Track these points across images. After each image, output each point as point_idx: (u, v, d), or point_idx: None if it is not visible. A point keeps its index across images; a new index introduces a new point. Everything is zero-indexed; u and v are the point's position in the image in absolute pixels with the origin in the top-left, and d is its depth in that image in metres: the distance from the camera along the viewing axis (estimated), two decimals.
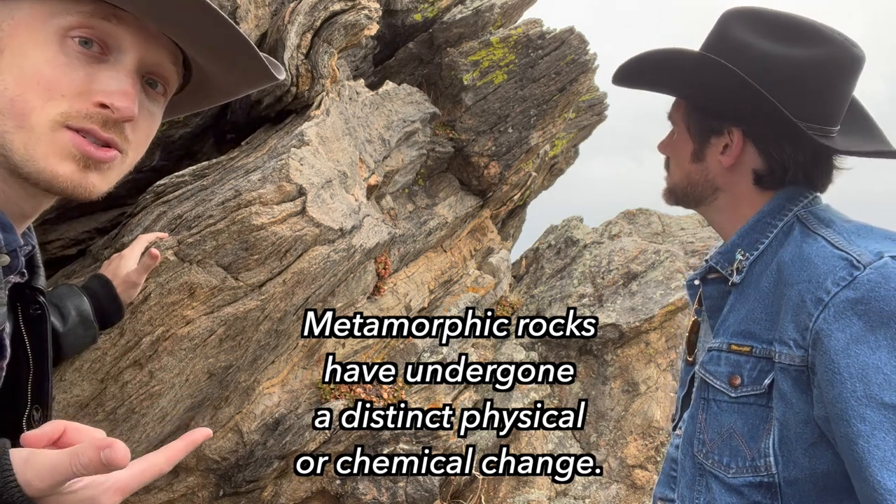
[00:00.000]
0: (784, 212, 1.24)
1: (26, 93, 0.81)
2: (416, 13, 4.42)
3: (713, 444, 1.22)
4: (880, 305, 1.02)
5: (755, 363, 1.16)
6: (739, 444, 1.17)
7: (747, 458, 1.16)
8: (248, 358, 2.64)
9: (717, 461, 1.20)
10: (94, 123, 0.84)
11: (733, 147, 1.26)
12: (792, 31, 1.21)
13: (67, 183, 0.84)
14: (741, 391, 1.17)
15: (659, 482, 1.37)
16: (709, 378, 1.24)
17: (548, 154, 5.60)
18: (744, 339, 1.19)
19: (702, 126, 1.30)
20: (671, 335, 4.35)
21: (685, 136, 1.34)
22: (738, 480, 1.16)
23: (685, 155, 1.34)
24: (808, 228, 1.19)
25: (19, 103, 0.81)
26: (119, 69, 0.86)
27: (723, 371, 1.21)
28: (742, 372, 1.18)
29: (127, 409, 2.23)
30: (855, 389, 1.01)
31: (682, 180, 1.36)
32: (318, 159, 2.54)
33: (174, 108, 1.07)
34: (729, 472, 1.18)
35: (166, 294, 2.17)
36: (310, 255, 2.49)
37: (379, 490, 3.35)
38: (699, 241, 5.10)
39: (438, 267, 4.45)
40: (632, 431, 4.13)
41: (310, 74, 2.65)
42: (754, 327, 1.18)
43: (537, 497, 3.82)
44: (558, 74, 4.48)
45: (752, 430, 1.16)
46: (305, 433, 3.11)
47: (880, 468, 0.98)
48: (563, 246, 5.41)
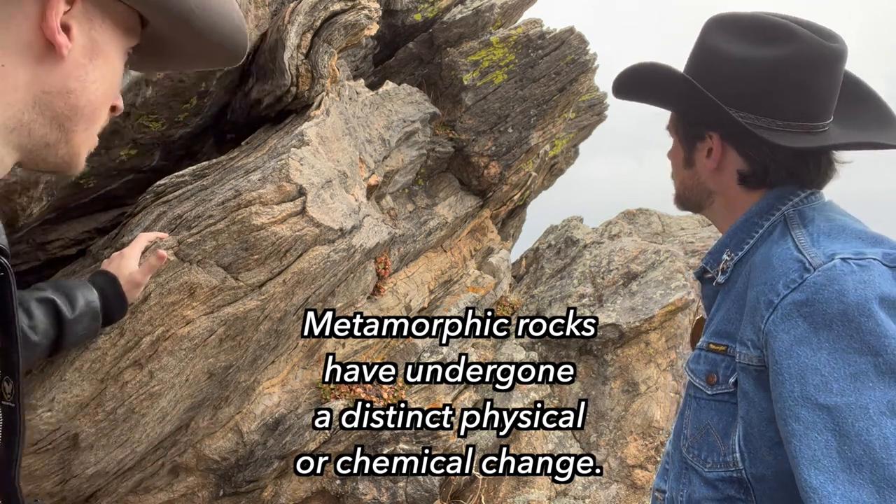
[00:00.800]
0: (772, 211, 1.26)
1: (105, 105, 0.90)
2: (416, 13, 4.43)
3: (694, 439, 1.26)
4: (823, 307, 1.03)
5: (729, 362, 1.20)
6: (715, 439, 1.21)
7: (720, 454, 1.20)
8: (248, 358, 2.64)
9: (697, 456, 1.25)
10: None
11: (714, 151, 1.30)
12: (763, 33, 1.23)
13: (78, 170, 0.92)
14: (716, 389, 1.22)
15: (657, 474, 1.43)
16: (690, 376, 1.29)
17: (548, 154, 5.60)
18: (720, 339, 1.23)
19: (687, 133, 1.36)
20: (671, 335, 4.35)
21: (677, 145, 1.41)
22: (713, 475, 1.21)
23: (679, 162, 1.40)
24: (786, 228, 1.21)
25: (98, 113, 0.89)
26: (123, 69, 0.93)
27: (701, 369, 1.26)
28: (718, 370, 1.22)
29: (127, 409, 2.23)
30: (793, 390, 1.04)
31: (679, 186, 1.42)
32: (318, 159, 2.54)
33: (134, 66, 1.06)
34: (706, 466, 1.22)
35: (166, 294, 2.17)
36: (310, 255, 2.49)
37: (379, 490, 3.35)
38: (699, 241, 5.10)
39: (438, 267, 4.45)
40: (632, 431, 4.13)
41: (310, 74, 2.65)
42: (730, 327, 1.22)
43: (537, 497, 3.82)
44: (558, 74, 4.48)
45: (725, 427, 1.19)
46: (305, 433, 3.11)
47: (808, 467, 1.01)
48: (563, 246, 5.41)
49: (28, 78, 0.80)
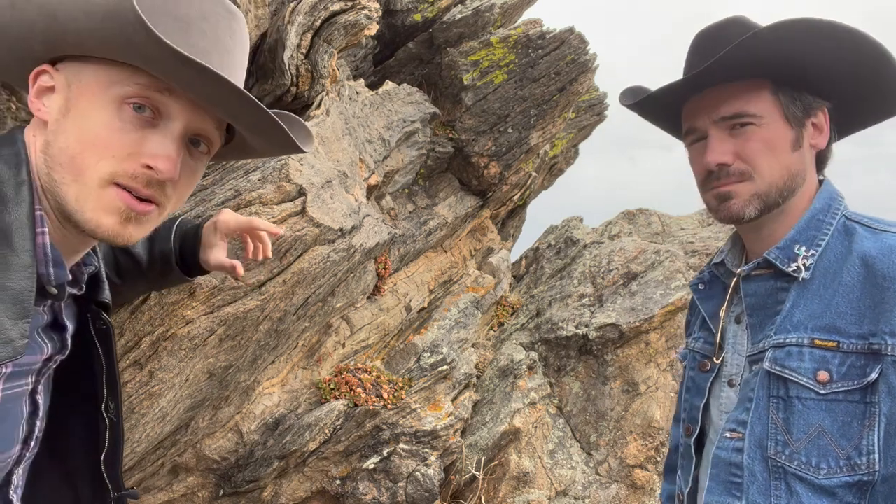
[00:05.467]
0: (833, 210, 1.24)
1: (84, 151, 0.94)
2: (416, 13, 4.43)
3: (799, 444, 1.15)
4: None
5: (843, 358, 1.13)
6: (829, 443, 1.13)
7: (840, 458, 1.12)
8: (248, 358, 2.64)
9: (805, 462, 1.14)
10: (138, 183, 0.97)
11: (825, 125, 1.24)
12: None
13: (108, 233, 0.98)
14: (830, 388, 1.13)
15: (709, 490, 1.27)
16: (789, 374, 1.17)
17: (548, 154, 5.60)
18: (828, 334, 1.15)
19: (800, 107, 1.22)
20: (671, 335, 4.35)
21: (782, 125, 1.22)
22: (832, 481, 1.12)
23: (784, 146, 1.22)
24: (872, 228, 1.20)
25: (78, 160, 0.94)
26: (167, 134, 0.98)
27: (807, 367, 1.16)
28: (830, 368, 1.14)
29: (127, 408, 2.22)
30: None
31: (781, 176, 1.23)
32: (317, 159, 2.54)
33: (218, 157, 1.24)
34: (819, 473, 1.13)
35: (166, 294, 2.17)
36: (310, 255, 2.49)
37: (379, 490, 3.35)
38: (699, 241, 5.10)
39: (438, 267, 4.45)
40: (632, 431, 4.12)
41: (310, 74, 2.65)
42: (839, 322, 1.15)
43: (537, 497, 3.82)
44: (558, 74, 4.48)
45: (842, 428, 1.12)
46: (305, 433, 3.11)
47: None
48: (563, 246, 5.41)
49: (40, 143, 0.98)
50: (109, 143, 0.94)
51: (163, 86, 0.96)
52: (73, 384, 1.20)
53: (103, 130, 0.94)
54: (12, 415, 1.00)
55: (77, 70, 0.97)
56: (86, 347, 1.18)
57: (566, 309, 4.60)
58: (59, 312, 1.08)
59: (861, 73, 1.17)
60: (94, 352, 1.20)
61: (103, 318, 1.20)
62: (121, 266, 1.63)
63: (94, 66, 0.96)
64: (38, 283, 0.96)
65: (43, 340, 1.05)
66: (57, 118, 0.96)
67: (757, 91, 1.22)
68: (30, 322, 0.91)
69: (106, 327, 1.20)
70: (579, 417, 4.26)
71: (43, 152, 0.97)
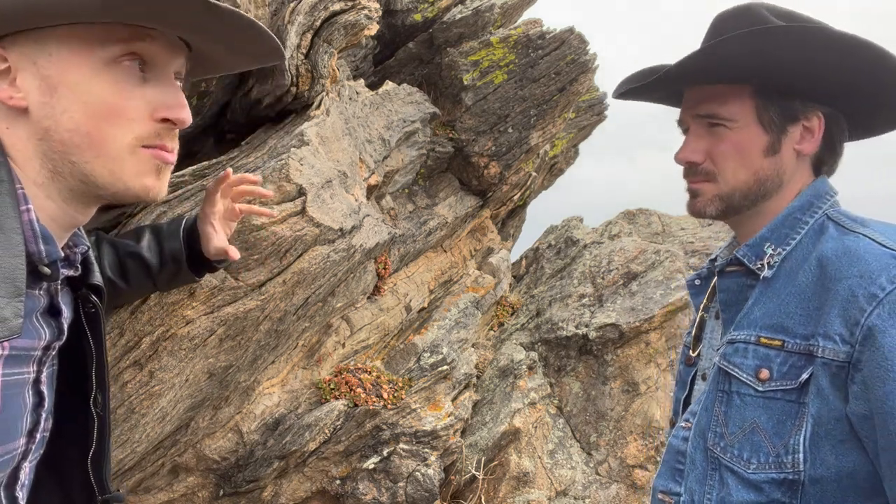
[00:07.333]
0: (814, 209, 1.23)
1: (100, 124, 0.91)
2: (416, 13, 4.43)
3: (733, 437, 1.18)
4: None
5: (786, 358, 1.13)
6: (762, 439, 1.14)
7: (770, 454, 1.13)
8: (248, 358, 2.64)
9: (737, 456, 1.17)
10: (162, 139, 0.97)
11: (817, 132, 1.22)
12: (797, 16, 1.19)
13: (152, 193, 0.98)
14: (769, 385, 1.14)
15: (659, 474, 1.32)
16: (732, 370, 1.20)
17: (548, 154, 5.60)
18: (774, 333, 1.16)
19: (782, 113, 1.21)
20: (671, 335, 4.35)
21: (755, 129, 1.22)
22: (758, 476, 1.13)
23: (756, 150, 1.22)
24: (843, 227, 1.18)
25: (95, 135, 0.91)
26: (165, 83, 0.97)
27: (749, 364, 1.17)
28: (771, 366, 1.14)
29: (127, 409, 2.22)
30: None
31: (748, 180, 1.24)
32: (317, 159, 2.54)
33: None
34: (749, 467, 1.14)
35: (166, 294, 2.17)
36: (310, 255, 2.49)
37: (379, 490, 3.35)
38: (699, 241, 5.10)
39: (438, 267, 4.45)
40: (632, 431, 4.13)
41: (310, 74, 2.65)
42: (787, 322, 1.15)
43: (537, 497, 3.82)
44: (558, 74, 4.48)
45: (776, 426, 1.13)
46: (305, 433, 3.11)
47: None
48: (563, 246, 5.41)
49: (22, 134, 0.91)
50: (123, 108, 0.92)
51: (143, 31, 0.92)
52: (63, 377, 1.12)
53: (110, 96, 0.91)
54: (15, 404, 0.95)
55: (35, 45, 0.89)
56: (77, 337, 1.12)
57: (566, 309, 4.60)
58: (55, 295, 1.03)
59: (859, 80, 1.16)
60: (84, 340, 1.13)
61: (92, 301, 1.13)
62: (128, 270, 1.63)
63: (56, 36, 0.89)
64: (31, 262, 0.91)
65: (41, 325, 1.00)
66: (42, 101, 0.90)
67: (736, 93, 1.23)
68: (23, 301, 0.87)
69: (95, 310, 1.14)
70: (579, 417, 4.26)
71: (42, 141, 0.91)
